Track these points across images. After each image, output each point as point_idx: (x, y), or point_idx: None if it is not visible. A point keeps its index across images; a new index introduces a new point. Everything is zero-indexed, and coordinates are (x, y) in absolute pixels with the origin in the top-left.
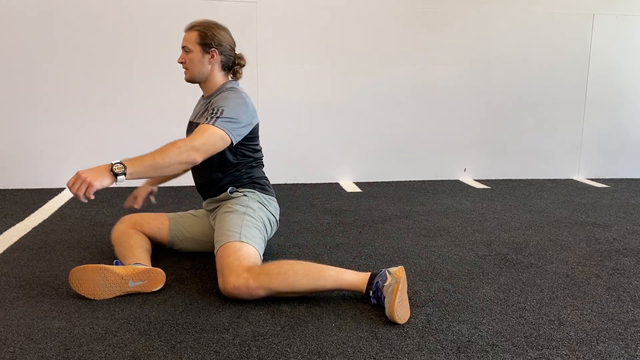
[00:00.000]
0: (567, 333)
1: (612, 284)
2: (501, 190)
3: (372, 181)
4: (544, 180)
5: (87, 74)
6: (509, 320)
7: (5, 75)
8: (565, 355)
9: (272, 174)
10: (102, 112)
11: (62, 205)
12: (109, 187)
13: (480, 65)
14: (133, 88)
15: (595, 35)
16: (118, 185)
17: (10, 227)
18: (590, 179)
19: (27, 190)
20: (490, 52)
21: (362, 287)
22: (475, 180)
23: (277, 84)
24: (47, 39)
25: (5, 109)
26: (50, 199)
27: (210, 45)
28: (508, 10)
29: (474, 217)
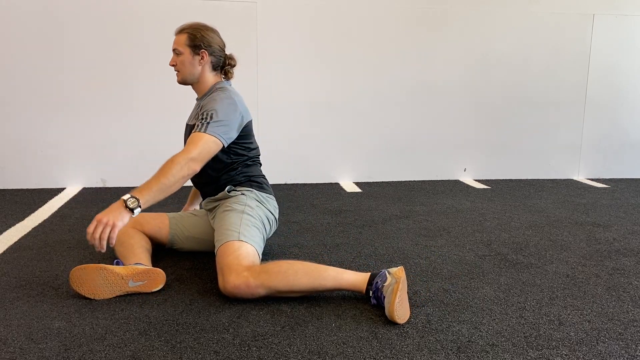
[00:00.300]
0: (567, 333)
1: (612, 284)
2: (501, 190)
3: (372, 181)
4: (544, 180)
5: (88, 74)
6: (509, 320)
7: (5, 75)
8: (565, 355)
9: (272, 174)
10: (103, 112)
11: (62, 205)
12: (107, 187)
13: (480, 65)
14: (133, 88)
15: (595, 35)
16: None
17: (10, 227)
18: (590, 179)
19: (27, 190)
20: (490, 52)
21: (362, 287)
22: (475, 180)
23: (277, 84)
24: (47, 39)
25: (5, 109)
26: (50, 199)
27: (199, 47)
28: (508, 10)
29: (474, 217)
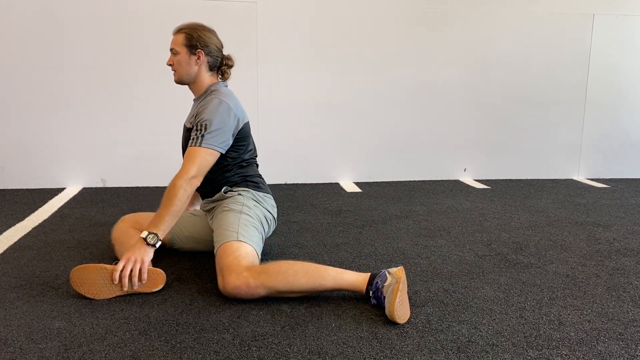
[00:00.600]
0: (567, 333)
1: (612, 284)
2: (501, 190)
3: (372, 181)
4: (544, 180)
5: (88, 74)
6: (509, 320)
7: (5, 75)
8: (565, 355)
9: (272, 174)
10: (103, 112)
11: (62, 205)
12: (107, 187)
13: (480, 65)
14: (133, 88)
15: (595, 35)
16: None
17: (10, 227)
18: (590, 179)
19: (27, 190)
20: (490, 52)
21: (362, 288)
22: (475, 180)
23: (277, 84)
24: (47, 39)
25: (5, 109)
26: (50, 199)
27: (196, 47)
28: (508, 10)
29: (474, 217)
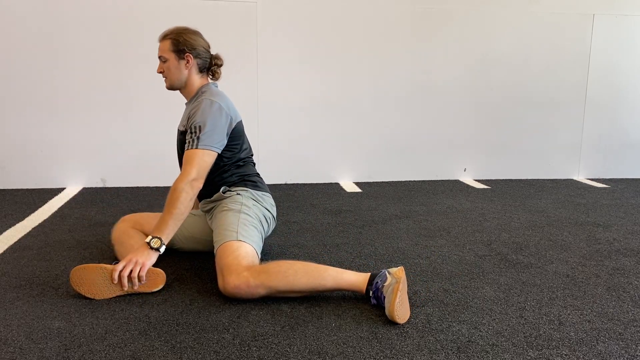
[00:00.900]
0: (567, 333)
1: (612, 284)
2: (501, 190)
3: (372, 181)
4: (544, 180)
5: (88, 74)
6: (509, 320)
7: (5, 75)
8: (565, 355)
9: (272, 174)
10: (102, 112)
11: (62, 205)
12: (107, 187)
13: (480, 65)
14: (133, 88)
15: (595, 35)
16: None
17: (10, 227)
18: (590, 179)
19: (27, 190)
20: (490, 52)
21: (362, 287)
22: (475, 180)
23: (277, 84)
24: (47, 39)
25: (5, 109)
26: (50, 199)
27: (183, 51)
28: (508, 10)
29: (474, 217)
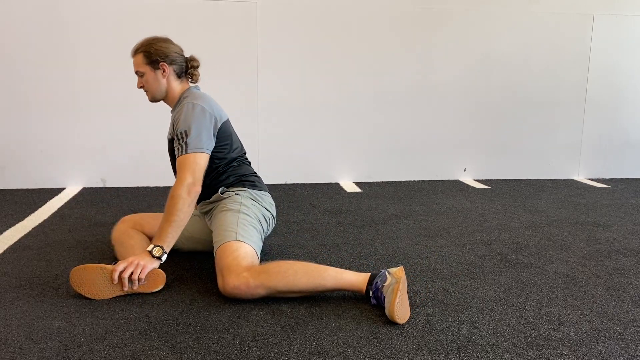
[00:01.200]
0: (567, 333)
1: (612, 284)
2: (501, 190)
3: (372, 181)
4: (544, 180)
5: (88, 74)
6: (509, 320)
7: (5, 75)
8: (565, 355)
9: (272, 174)
10: (103, 112)
11: (62, 205)
12: (107, 187)
13: (480, 65)
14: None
15: (595, 35)
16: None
17: (10, 227)
18: (590, 179)
19: (27, 190)
20: (490, 52)
21: (362, 287)
22: (475, 180)
23: (277, 84)
24: (47, 39)
25: (5, 109)
26: (50, 199)
27: (157, 61)
28: (508, 10)
29: (474, 217)
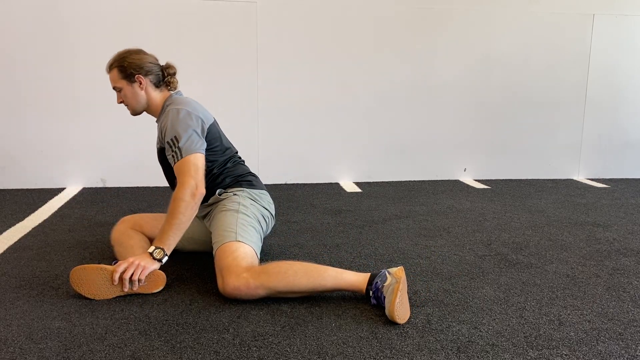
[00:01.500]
0: (567, 333)
1: (612, 284)
2: (501, 190)
3: (372, 181)
4: (544, 180)
5: (88, 74)
6: (509, 320)
7: (5, 75)
8: (565, 355)
9: (272, 174)
10: (103, 112)
11: (62, 205)
12: (107, 187)
13: (480, 65)
14: None
15: (595, 35)
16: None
17: (10, 227)
18: (590, 179)
19: (27, 190)
20: (490, 52)
21: (362, 287)
22: (475, 180)
23: (277, 84)
24: (48, 39)
25: (5, 109)
26: (50, 199)
27: (132, 74)
28: (508, 10)
29: (474, 217)
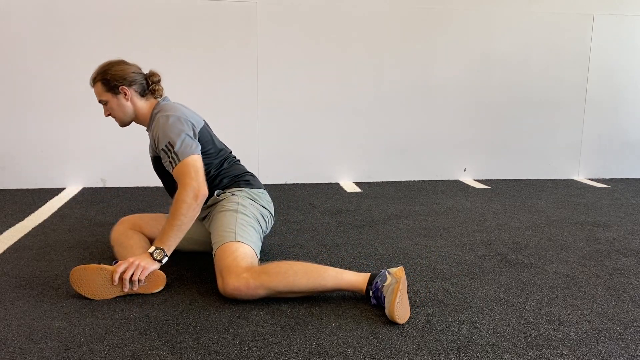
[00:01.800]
0: (567, 333)
1: (612, 284)
2: (501, 190)
3: (372, 181)
4: (544, 180)
5: (88, 74)
6: (509, 320)
7: (5, 75)
8: (565, 355)
9: (272, 174)
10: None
11: (62, 205)
12: (107, 187)
13: (481, 65)
14: None
15: (595, 35)
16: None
17: (10, 227)
18: (590, 179)
19: (27, 190)
20: (490, 52)
21: (362, 287)
22: (475, 180)
23: (277, 84)
24: (47, 38)
25: (5, 109)
26: (50, 199)
27: (116, 86)
28: (508, 10)
29: (474, 217)
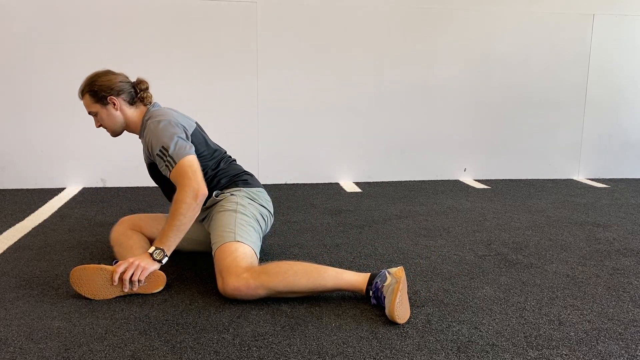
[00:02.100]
0: (567, 333)
1: (612, 284)
2: (501, 190)
3: (372, 181)
4: (544, 180)
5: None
6: (509, 320)
7: (5, 75)
8: (565, 355)
9: (272, 174)
10: None
11: (62, 205)
12: (107, 187)
13: (481, 65)
14: None
15: (595, 35)
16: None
17: (10, 227)
18: (590, 179)
19: (27, 190)
20: (490, 52)
21: (362, 287)
22: (475, 180)
23: (277, 84)
24: (47, 39)
25: (5, 109)
26: (50, 199)
27: (104, 97)
28: (508, 10)
29: (474, 217)
